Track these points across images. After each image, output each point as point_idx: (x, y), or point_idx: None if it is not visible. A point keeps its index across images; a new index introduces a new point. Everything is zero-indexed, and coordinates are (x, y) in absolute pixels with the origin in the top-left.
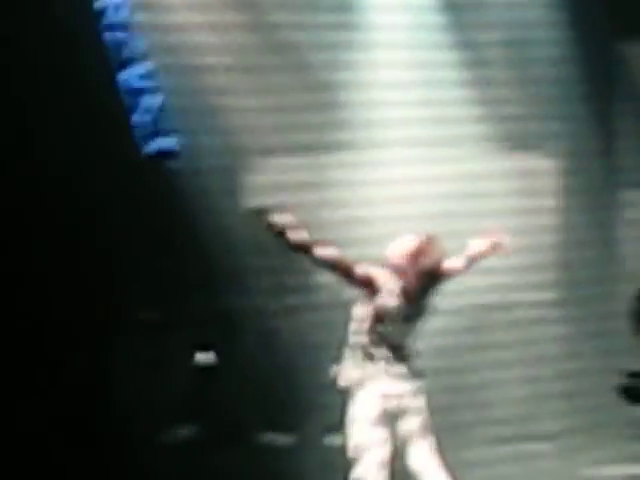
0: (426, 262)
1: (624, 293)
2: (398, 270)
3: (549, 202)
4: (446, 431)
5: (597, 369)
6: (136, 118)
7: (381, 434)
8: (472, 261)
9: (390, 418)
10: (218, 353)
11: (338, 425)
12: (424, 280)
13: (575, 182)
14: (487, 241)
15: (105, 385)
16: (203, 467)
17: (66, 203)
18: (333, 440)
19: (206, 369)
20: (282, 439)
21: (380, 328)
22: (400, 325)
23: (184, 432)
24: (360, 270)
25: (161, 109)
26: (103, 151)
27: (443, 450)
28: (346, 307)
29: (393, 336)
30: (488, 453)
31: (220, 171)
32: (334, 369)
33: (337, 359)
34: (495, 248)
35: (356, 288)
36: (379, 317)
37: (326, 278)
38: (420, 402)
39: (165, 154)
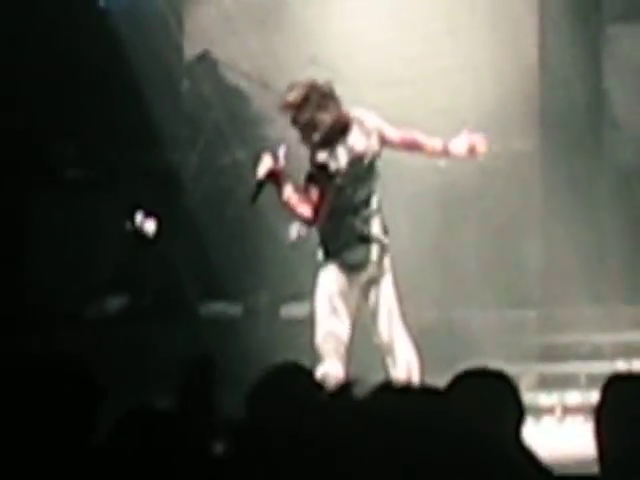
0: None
1: (610, 139)
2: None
3: (528, 37)
4: (414, 293)
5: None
6: None
7: (343, 307)
8: (441, 154)
9: (357, 288)
10: (155, 215)
11: (292, 294)
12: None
13: (556, 13)
14: (465, 144)
15: (24, 250)
16: (138, 342)
17: None
18: (287, 311)
19: (141, 233)
20: (229, 310)
21: (336, 192)
22: (355, 181)
23: (115, 304)
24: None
25: None
26: None
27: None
28: (299, 160)
29: (351, 196)
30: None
31: (160, 10)
32: (292, 231)
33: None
34: (472, 153)
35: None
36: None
37: (274, 130)
38: (386, 265)
39: None
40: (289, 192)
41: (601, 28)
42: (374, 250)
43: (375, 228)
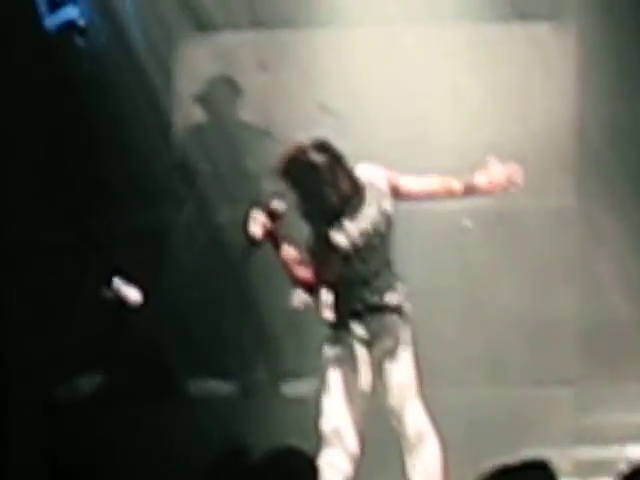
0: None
1: None
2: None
3: (564, 93)
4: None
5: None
6: None
7: (353, 391)
8: (465, 193)
9: (370, 362)
10: (138, 281)
11: (294, 370)
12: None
13: (596, 62)
14: (492, 178)
15: None
16: (120, 427)
17: None
18: (289, 388)
19: (121, 302)
20: (223, 388)
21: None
22: (365, 253)
23: (90, 383)
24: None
25: None
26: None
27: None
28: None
29: (360, 268)
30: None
31: (147, 48)
32: (295, 298)
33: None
34: (499, 187)
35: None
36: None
37: (278, 184)
38: (404, 336)
39: (73, 27)
40: (287, 251)
41: None
42: (389, 321)
43: (390, 297)
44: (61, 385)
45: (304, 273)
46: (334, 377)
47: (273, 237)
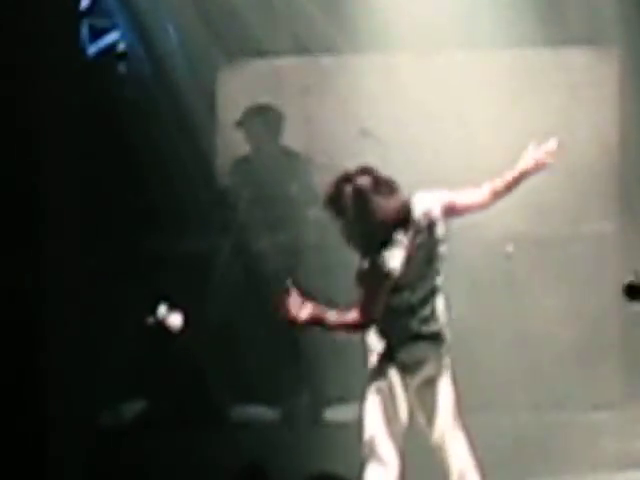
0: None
1: None
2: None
3: (605, 119)
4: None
5: None
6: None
7: (394, 414)
8: (514, 183)
9: (412, 389)
10: (181, 307)
11: (337, 396)
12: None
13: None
14: (530, 159)
15: (33, 350)
16: (163, 452)
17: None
18: (332, 414)
19: (164, 328)
20: (265, 414)
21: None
22: (414, 281)
23: (134, 410)
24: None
25: None
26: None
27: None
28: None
29: (408, 297)
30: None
31: (189, 74)
32: None
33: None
34: (539, 164)
35: None
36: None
37: (316, 210)
38: (445, 363)
39: (113, 52)
40: (329, 316)
41: None
42: (432, 348)
43: (434, 325)
44: (105, 411)
45: (352, 319)
46: (375, 404)
47: (314, 320)
